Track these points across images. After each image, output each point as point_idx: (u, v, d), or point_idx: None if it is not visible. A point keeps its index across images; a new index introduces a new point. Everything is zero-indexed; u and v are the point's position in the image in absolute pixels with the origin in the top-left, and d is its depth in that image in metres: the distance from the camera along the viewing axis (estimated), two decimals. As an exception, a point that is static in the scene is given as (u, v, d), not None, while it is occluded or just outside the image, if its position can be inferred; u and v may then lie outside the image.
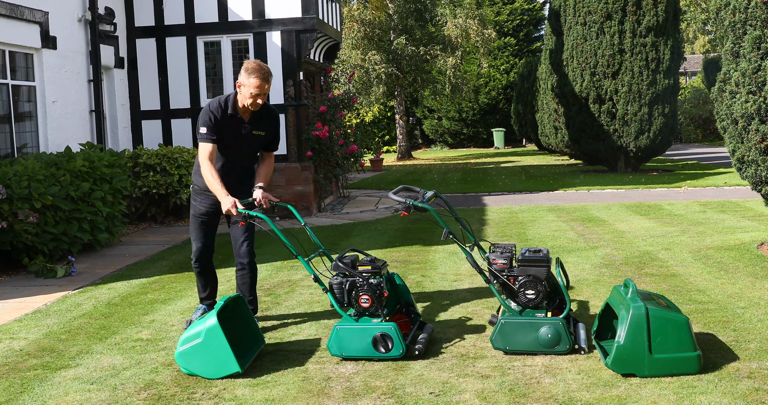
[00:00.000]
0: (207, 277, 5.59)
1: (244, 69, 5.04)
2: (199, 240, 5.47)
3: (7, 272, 8.07)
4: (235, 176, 5.31)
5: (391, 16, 27.01)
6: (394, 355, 4.56)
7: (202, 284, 5.62)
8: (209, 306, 5.55)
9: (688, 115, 33.85)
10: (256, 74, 4.99)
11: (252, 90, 5.01)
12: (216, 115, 5.11)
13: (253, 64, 5.03)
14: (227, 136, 5.15)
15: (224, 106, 5.14)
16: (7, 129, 9.75)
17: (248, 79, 5.01)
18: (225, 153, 5.24)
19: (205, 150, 5.09)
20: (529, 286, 4.73)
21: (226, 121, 5.13)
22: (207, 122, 5.10)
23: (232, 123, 5.15)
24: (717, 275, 6.64)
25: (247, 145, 5.28)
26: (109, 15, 12.02)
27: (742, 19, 7.34)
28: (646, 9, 17.22)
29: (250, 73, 5.00)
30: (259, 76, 4.99)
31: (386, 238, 9.62)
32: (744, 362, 4.33)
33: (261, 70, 5.00)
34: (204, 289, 5.63)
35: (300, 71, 12.63)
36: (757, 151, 7.33)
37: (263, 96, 5.07)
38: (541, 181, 17.53)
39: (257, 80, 4.99)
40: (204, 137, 5.10)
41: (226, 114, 5.14)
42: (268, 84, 5.05)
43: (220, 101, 5.17)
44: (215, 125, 5.09)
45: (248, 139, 5.25)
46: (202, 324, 4.51)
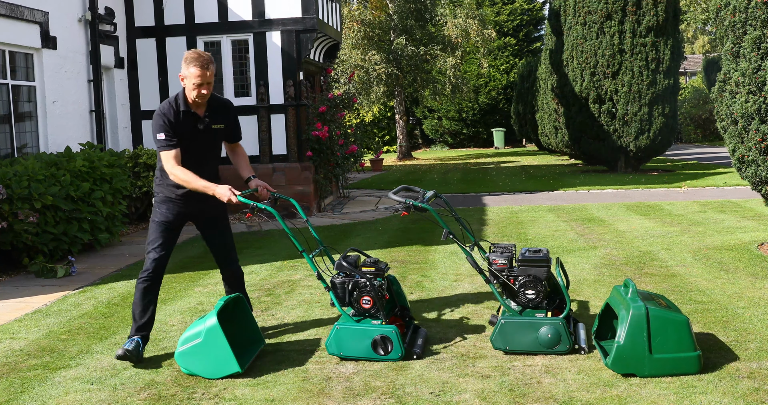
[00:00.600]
0: (152, 297, 4.91)
1: (183, 59, 4.78)
2: (161, 247, 4.90)
3: (7, 272, 8.07)
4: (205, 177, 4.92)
5: (391, 16, 27.01)
6: (392, 358, 4.56)
7: (143, 306, 4.86)
8: (143, 339, 4.86)
9: (688, 115, 33.85)
10: (195, 63, 4.71)
11: (194, 80, 4.72)
12: (169, 117, 4.80)
13: (191, 54, 4.76)
14: (186, 135, 4.86)
15: (175, 106, 4.84)
16: (7, 129, 9.75)
17: (188, 69, 4.74)
18: (189, 154, 4.89)
19: (169, 157, 4.77)
20: (529, 286, 4.73)
21: (181, 120, 4.84)
22: (162, 127, 4.77)
23: (187, 121, 4.86)
24: (717, 275, 6.64)
25: (209, 141, 4.99)
26: (109, 15, 12.02)
27: (742, 19, 7.34)
28: (646, 9, 17.23)
29: (189, 63, 4.73)
30: (198, 64, 4.70)
31: (386, 238, 9.62)
32: (744, 362, 4.33)
33: (200, 58, 4.72)
34: (144, 312, 4.88)
35: (300, 71, 12.63)
36: (757, 151, 7.33)
37: (207, 86, 4.77)
38: (541, 181, 17.53)
39: (197, 69, 4.70)
40: (164, 145, 4.77)
41: (179, 113, 4.83)
42: (209, 72, 4.74)
43: (170, 102, 4.88)
44: (171, 128, 4.78)
45: (209, 135, 4.96)
46: (202, 324, 4.52)
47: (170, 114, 4.80)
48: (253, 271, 7.62)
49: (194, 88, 4.74)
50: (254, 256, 8.57)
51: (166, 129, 4.75)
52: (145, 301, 4.87)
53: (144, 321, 4.87)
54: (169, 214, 4.94)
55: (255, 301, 6.28)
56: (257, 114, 12.56)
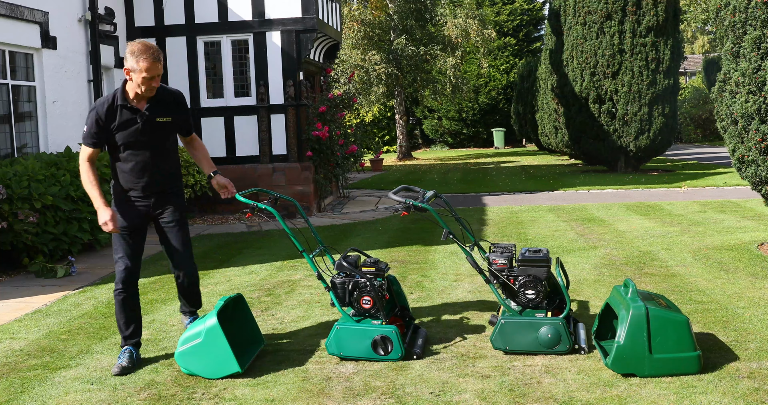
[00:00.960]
0: (133, 306, 4.76)
1: (130, 52, 4.48)
2: (127, 256, 4.70)
3: (7, 272, 8.07)
4: (157, 174, 4.75)
5: (391, 16, 27.02)
6: (392, 358, 4.56)
7: (126, 317, 4.73)
8: (135, 346, 4.75)
9: (688, 115, 33.86)
10: (145, 56, 4.45)
11: (144, 74, 4.47)
12: (101, 114, 4.56)
13: (138, 46, 4.48)
14: (125, 130, 4.61)
15: (111, 100, 4.59)
16: (7, 129, 9.75)
17: (137, 63, 4.46)
18: (133, 150, 4.66)
19: (84, 153, 4.63)
20: (529, 286, 4.73)
21: (117, 115, 4.59)
22: (91, 124, 4.59)
23: (124, 115, 4.60)
24: (717, 275, 6.64)
25: (153, 135, 4.70)
26: (109, 15, 12.02)
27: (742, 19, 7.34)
28: (646, 9, 17.23)
29: (138, 56, 4.45)
30: (149, 57, 4.46)
31: (386, 238, 9.62)
32: (744, 362, 4.33)
33: (149, 50, 4.47)
34: (128, 324, 4.75)
35: (300, 71, 12.63)
36: (757, 151, 7.33)
37: (158, 79, 4.56)
38: (541, 181, 17.53)
39: (146, 62, 4.45)
40: (84, 140, 4.63)
41: (113, 107, 4.58)
42: (159, 63, 4.51)
43: (107, 97, 4.63)
44: (102, 126, 4.57)
45: (152, 129, 4.68)
46: (202, 324, 4.52)
47: (103, 109, 4.58)
48: (253, 271, 7.61)
49: (144, 82, 4.50)
50: (254, 256, 8.57)
51: (92, 126, 4.58)
52: (126, 313, 4.73)
53: (130, 331, 4.75)
54: (126, 218, 4.71)
55: (255, 301, 6.28)
56: (257, 114, 12.57)
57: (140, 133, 4.64)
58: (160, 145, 4.76)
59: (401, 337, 4.62)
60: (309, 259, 4.72)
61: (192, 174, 11.57)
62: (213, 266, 7.93)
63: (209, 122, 12.76)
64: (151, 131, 4.68)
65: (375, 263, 4.85)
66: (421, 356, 4.62)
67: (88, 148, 4.62)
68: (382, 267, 4.82)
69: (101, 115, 4.56)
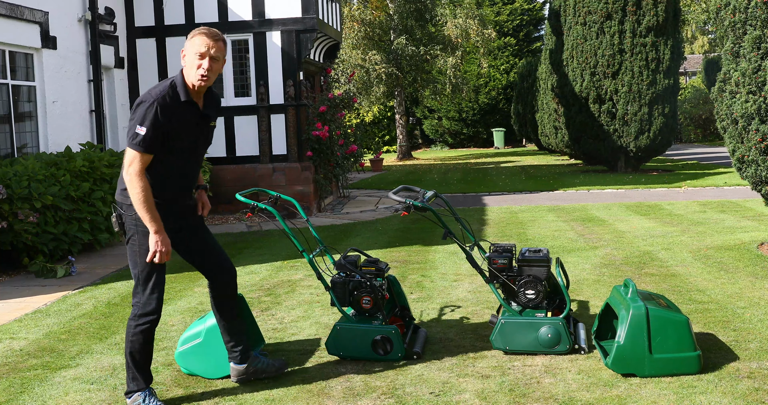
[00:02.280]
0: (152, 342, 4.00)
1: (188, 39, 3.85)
2: (161, 286, 3.92)
3: (7, 272, 8.07)
4: (188, 191, 4.07)
5: (391, 16, 27.02)
6: (392, 358, 4.56)
7: (149, 351, 3.96)
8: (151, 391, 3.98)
9: (688, 115, 33.86)
10: (201, 31, 3.81)
11: (199, 49, 3.76)
12: (165, 107, 3.72)
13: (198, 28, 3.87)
14: (183, 134, 3.83)
15: (172, 94, 3.78)
16: (7, 129, 9.75)
17: (191, 41, 3.81)
18: (179, 158, 3.89)
19: (138, 161, 3.71)
20: (529, 286, 4.73)
21: (180, 114, 3.80)
22: (151, 122, 3.68)
23: (186, 115, 3.83)
24: (717, 275, 6.64)
25: (204, 142, 4.04)
26: (109, 15, 12.02)
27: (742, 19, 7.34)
28: (646, 9, 17.23)
29: (193, 35, 3.81)
30: (205, 33, 3.79)
31: (386, 238, 9.62)
32: (744, 362, 4.33)
33: (207, 29, 3.83)
34: (149, 359, 3.99)
35: (300, 71, 12.63)
36: (757, 151, 7.33)
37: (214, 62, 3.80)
38: (541, 181, 17.53)
39: (203, 37, 3.78)
40: (140, 144, 3.69)
41: (178, 102, 3.79)
42: (218, 43, 3.80)
43: (162, 89, 3.77)
44: (164, 123, 3.72)
45: (205, 135, 4.02)
46: (202, 324, 4.52)
47: (166, 103, 3.74)
48: (253, 271, 7.62)
49: (198, 59, 3.76)
50: (254, 256, 8.57)
51: (152, 124, 3.69)
52: (149, 347, 3.95)
53: (149, 367, 4.02)
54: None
55: (255, 301, 6.28)
56: (257, 114, 12.56)
57: (196, 139, 3.94)
58: (203, 154, 4.12)
59: (401, 337, 4.62)
60: (309, 259, 4.72)
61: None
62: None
63: (209, 122, 12.74)
64: (204, 138, 4.02)
65: (375, 263, 4.85)
66: (421, 356, 4.62)
67: (142, 155, 3.71)
68: (382, 267, 4.82)
69: (165, 111, 3.73)
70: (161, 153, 3.79)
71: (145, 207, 3.71)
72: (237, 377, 4.29)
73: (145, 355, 3.94)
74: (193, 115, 3.88)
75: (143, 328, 3.89)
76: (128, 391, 3.98)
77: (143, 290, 3.89)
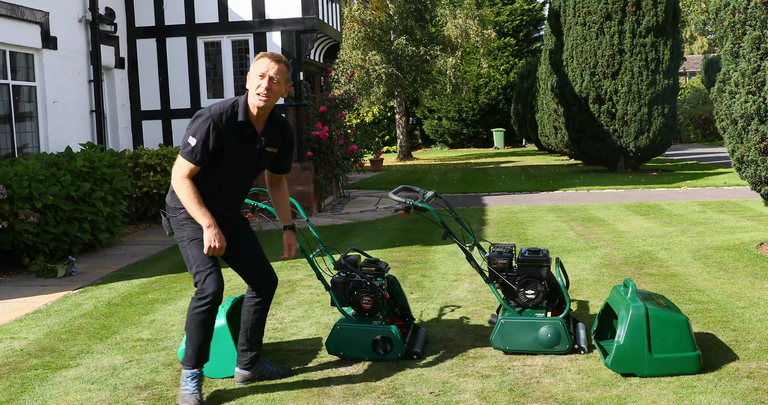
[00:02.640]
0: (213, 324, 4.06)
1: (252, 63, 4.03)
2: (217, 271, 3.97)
3: (8, 272, 8.07)
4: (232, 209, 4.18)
5: (391, 16, 27.02)
6: (392, 358, 4.57)
7: (204, 336, 4.00)
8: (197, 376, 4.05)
9: (687, 115, 33.87)
10: (264, 55, 3.96)
11: (260, 70, 3.91)
12: (218, 125, 3.87)
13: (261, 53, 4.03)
14: (233, 152, 3.95)
15: (230, 112, 3.93)
16: (8, 129, 9.76)
17: (255, 63, 3.96)
18: (223, 175, 4.02)
19: (183, 170, 3.90)
20: (529, 286, 4.74)
21: (234, 132, 3.93)
22: (202, 135, 3.86)
23: (242, 134, 3.96)
24: (717, 275, 6.65)
25: (254, 165, 4.10)
26: (110, 15, 12.03)
27: (741, 20, 7.35)
28: (646, 9, 17.24)
29: (258, 58, 3.98)
30: (268, 56, 3.94)
31: (386, 238, 9.63)
32: (743, 362, 4.33)
33: (270, 53, 3.99)
34: (206, 343, 4.04)
35: (300, 71, 12.64)
36: (756, 151, 7.34)
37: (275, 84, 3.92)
38: (541, 181, 17.54)
39: (265, 59, 3.93)
40: (189, 152, 3.87)
41: (234, 121, 3.93)
42: (280, 65, 3.93)
43: (223, 107, 3.95)
44: (214, 139, 3.86)
45: (258, 158, 4.07)
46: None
47: (221, 121, 3.89)
48: (254, 271, 7.61)
49: (259, 79, 3.91)
50: (254, 256, 8.57)
51: (203, 137, 3.85)
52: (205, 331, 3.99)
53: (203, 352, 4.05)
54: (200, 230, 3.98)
55: (255, 301, 6.27)
56: (257, 114, 12.56)
57: (245, 160, 4.02)
58: (250, 179, 4.18)
59: (401, 337, 4.63)
60: (309, 258, 4.73)
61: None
62: (213, 266, 7.94)
63: (209, 122, 12.76)
64: (255, 160, 4.08)
65: (375, 263, 4.86)
66: (421, 356, 4.63)
67: (189, 164, 3.88)
68: (382, 267, 4.83)
69: (219, 124, 3.87)
70: (208, 167, 3.95)
71: (194, 204, 3.89)
72: (241, 382, 4.31)
73: (200, 337, 3.99)
74: (247, 136, 4.00)
75: (199, 311, 3.95)
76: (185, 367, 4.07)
77: (201, 278, 3.96)
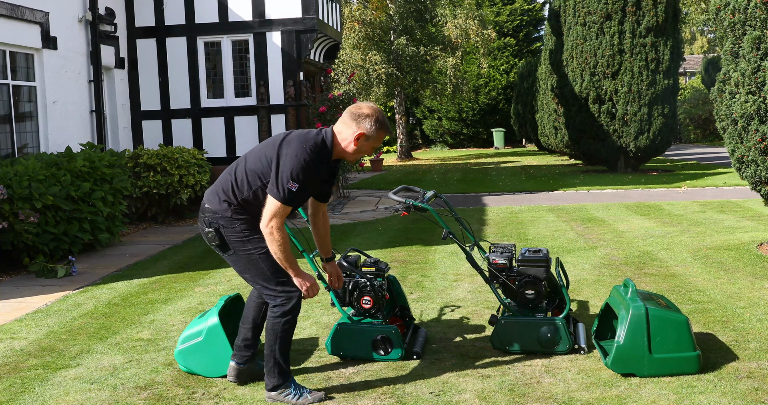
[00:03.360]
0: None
1: (367, 117, 3.88)
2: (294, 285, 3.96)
3: (8, 272, 8.08)
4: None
5: (391, 16, 27.03)
6: (392, 358, 4.57)
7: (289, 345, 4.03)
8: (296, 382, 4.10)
9: (687, 116, 33.87)
10: (385, 128, 3.95)
11: (375, 144, 3.96)
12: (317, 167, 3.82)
13: (378, 114, 3.93)
14: (311, 188, 3.93)
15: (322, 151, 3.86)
16: (8, 129, 9.76)
17: (377, 131, 3.90)
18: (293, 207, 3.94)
19: (282, 213, 3.77)
20: (529, 286, 4.74)
21: (324, 171, 3.95)
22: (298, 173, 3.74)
23: (325, 173, 3.99)
24: (717, 275, 6.65)
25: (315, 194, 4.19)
26: (110, 15, 12.03)
27: (741, 20, 7.35)
28: (646, 9, 17.24)
29: (380, 127, 3.91)
30: (386, 129, 3.98)
31: (386, 238, 9.63)
32: (743, 362, 4.33)
33: (386, 121, 3.97)
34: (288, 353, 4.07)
35: (300, 71, 12.64)
36: (756, 151, 7.34)
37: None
38: (541, 181, 17.54)
39: (384, 132, 3.96)
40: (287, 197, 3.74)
41: (324, 159, 3.89)
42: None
43: (314, 143, 3.83)
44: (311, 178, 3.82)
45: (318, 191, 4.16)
46: (203, 323, 4.53)
47: (319, 162, 3.84)
48: (254, 271, 7.61)
49: (370, 149, 3.97)
50: (254, 256, 8.56)
51: (298, 175, 3.74)
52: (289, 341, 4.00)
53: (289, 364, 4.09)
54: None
55: (255, 301, 6.28)
56: (257, 114, 12.58)
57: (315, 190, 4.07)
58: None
59: (401, 337, 4.63)
60: (309, 258, 4.73)
61: (192, 174, 11.57)
62: (213, 266, 7.94)
63: (210, 122, 12.78)
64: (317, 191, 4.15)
65: (375, 263, 4.86)
66: (421, 356, 4.63)
67: (287, 207, 3.77)
68: (382, 267, 4.83)
69: (318, 167, 3.84)
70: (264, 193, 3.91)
71: (285, 258, 3.83)
72: (234, 377, 4.29)
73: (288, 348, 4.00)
74: (325, 173, 4.01)
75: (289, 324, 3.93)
76: (275, 385, 3.97)
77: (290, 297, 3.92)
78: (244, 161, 4.00)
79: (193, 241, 9.82)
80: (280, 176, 3.75)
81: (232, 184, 3.95)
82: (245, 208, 3.95)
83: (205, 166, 11.97)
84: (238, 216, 3.94)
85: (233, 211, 3.93)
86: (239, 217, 3.94)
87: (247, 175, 3.92)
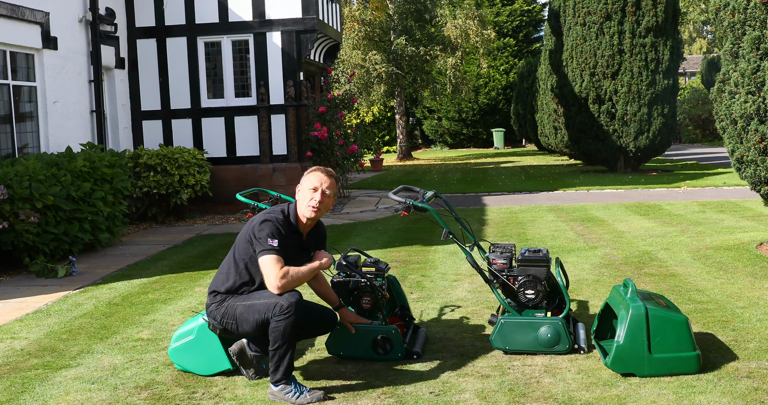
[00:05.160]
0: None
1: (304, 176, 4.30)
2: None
3: (8, 272, 8.08)
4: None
5: (391, 16, 27.03)
6: (392, 358, 4.57)
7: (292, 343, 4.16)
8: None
9: (687, 116, 33.87)
10: (316, 170, 4.27)
11: (313, 183, 4.20)
12: (281, 229, 4.15)
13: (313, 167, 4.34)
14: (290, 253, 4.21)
15: (285, 221, 4.21)
16: (8, 129, 9.77)
17: (307, 177, 4.26)
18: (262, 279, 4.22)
19: (279, 264, 4.06)
20: (528, 286, 4.74)
21: (289, 239, 4.21)
22: (276, 233, 4.11)
23: (292, 242, 4.24)
24: (716, 275, 6.65)
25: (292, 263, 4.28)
26: (110, 15, 12.03)
27: (741, 20, 7.36)
28: (646, 9, 17.25)
29: (309, 173, 4.28)
30: (320, 170, 4.26)
31: (386, 238, 9.63)
32: (743, 362, 4.34)
33: (321, 168, 4.30)
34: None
35: (300, 71, 12.64)
36: (756, 151, 7.34)
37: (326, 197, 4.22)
38: (541, 181, 17.54)
39: (318, 173, 4.25)
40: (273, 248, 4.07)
41: (290, 229, 4.23)
42: (331, 180, 4.25)
43: (280, 213, 4.23)
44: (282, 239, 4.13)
45: (298, 261, 4.27)
46: (195, 321, 4.56)
47: (282, 226, 4.18)
48: (254, 271, 7.62)
49: (312, 192, 4.19)
50: (254, 256, 8.57)
51: (271, 234, 4.10)
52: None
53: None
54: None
55: (255, 301, 6.28)
56: (257, 114, 12.58)
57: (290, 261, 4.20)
58: None
59: (401, 337, 4.63)
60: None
61: (192, 174, 11.58)
62: (213, 266, 7.94)
63: (210, 122, 12.79)
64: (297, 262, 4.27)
65: (375, 263, 4.86)
66: (421, 356, 4.63)
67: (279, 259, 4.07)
68: (382, 267, 4.83)
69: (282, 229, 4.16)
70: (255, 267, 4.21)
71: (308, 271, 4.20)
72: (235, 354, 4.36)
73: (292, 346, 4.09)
74: (295, 243, 4.27)
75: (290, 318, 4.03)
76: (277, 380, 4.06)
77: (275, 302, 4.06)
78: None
79: (193, 241, 9.83)
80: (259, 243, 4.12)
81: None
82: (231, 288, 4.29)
83: (206, 166, 11.98)
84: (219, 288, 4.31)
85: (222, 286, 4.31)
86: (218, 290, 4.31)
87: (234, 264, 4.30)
